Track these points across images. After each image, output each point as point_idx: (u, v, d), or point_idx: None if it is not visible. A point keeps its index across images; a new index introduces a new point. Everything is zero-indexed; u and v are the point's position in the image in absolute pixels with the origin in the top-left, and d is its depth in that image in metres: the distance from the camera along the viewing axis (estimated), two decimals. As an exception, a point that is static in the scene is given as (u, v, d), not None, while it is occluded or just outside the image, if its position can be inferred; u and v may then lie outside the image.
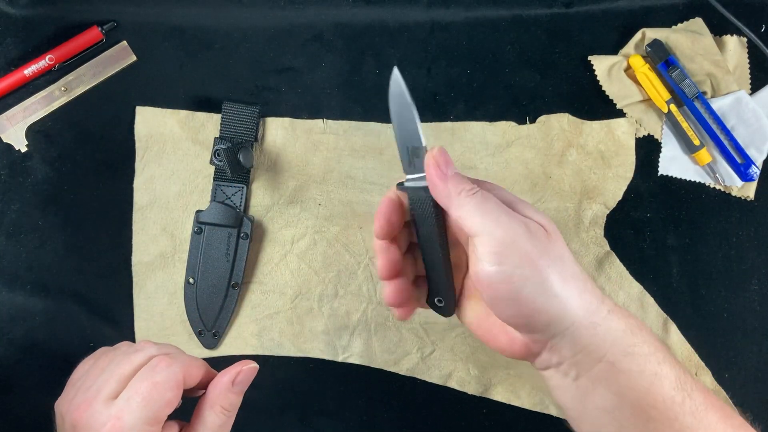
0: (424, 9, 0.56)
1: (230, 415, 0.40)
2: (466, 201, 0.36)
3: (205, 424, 0.39)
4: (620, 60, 0.56)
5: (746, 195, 0.56)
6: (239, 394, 0.40)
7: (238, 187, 0.54)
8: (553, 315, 0.34)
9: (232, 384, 0.39)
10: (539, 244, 0.35)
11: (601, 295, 0.36)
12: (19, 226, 0.54)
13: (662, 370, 0.34)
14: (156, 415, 0.37)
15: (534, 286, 0.34)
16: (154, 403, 0.37)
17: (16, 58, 0.55)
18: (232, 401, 0.40)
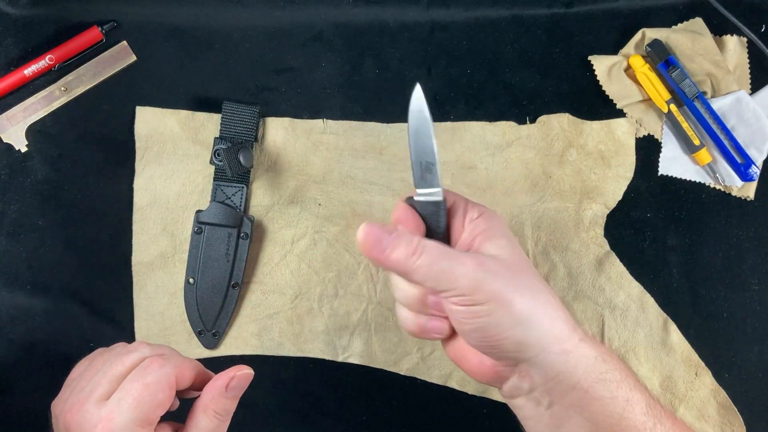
0: (424, 9, 0.56)
1: (223, 420, 0.39)
2: (418, 263, 0.36)
3: (198, 428, 0.39)
4: (620, 60, 0.56)
5: (746, 195, 0.56)
6: (233, 400, 0.40)
7: (238, 187, 0.54)
8: (520, 342, 0.35)
9: (226, 389, 0.39)
10: (502, 279, 0.35)
11: (573, 322, 0.36)
12: (19, 226, 0.54)
13: (633, 396, 0.35)
14: (147, 416, 0.37)
15: (499, 317, 0.35)
16: (145, 404, 0.37)
17: (16, 58, 0.55)
18: (226, 406, 0.39)
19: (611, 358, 0.36)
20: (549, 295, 0.36)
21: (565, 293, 0.54)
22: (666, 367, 0.53)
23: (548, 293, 0.37)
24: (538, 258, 0.55)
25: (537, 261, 0.55)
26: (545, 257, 0.55)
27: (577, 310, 0.54)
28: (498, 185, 0.55)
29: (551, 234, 0.55)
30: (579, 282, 0.54)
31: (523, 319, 0.35)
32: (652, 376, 0.53)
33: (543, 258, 0.55)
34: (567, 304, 0.54)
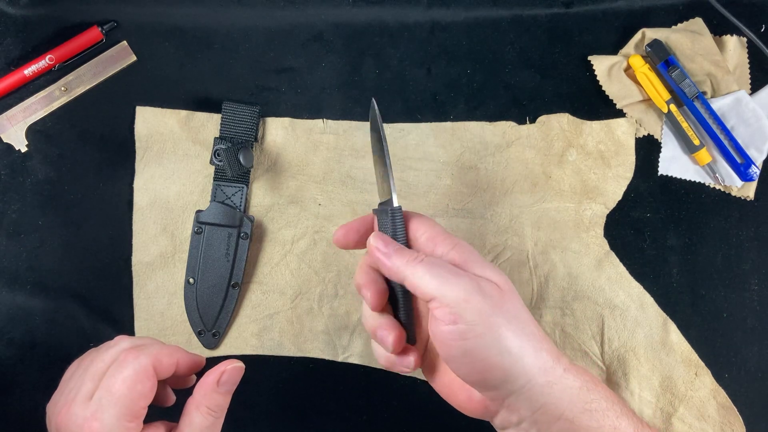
0: (424, 9, 0.56)
1: (217, 416, 0.39)
2: (417, 267, 0.37)
3: (192, 425, 0.38)
4: (620, 60, 0.56)
5: (746, 195, 0.56)
6: (226, 395, 0.39)
7: (238, 187, 0.54)
8: (507, 372, 0.35)
9: (217, 384, 0.39)
10: (492, 301, 0.36)
11: (557, 353, 0.37)
12: (19, 226, 0.54)
13: (621, 423, 0.36)
14: (131, 410, 0.37)
15: (488, 342, 0.35)
16: (125, 398, 0.36)
17: (16, 58, 0.55)
18: (218, 402, 0.39)
19: (597, 386, 0.36)
20: (533, 327, 0.37)
21: (565, 293, 0.54)
22: (666, 367, 0.53)
23: (533, 324, 0.37)
24: (538, 258, 0.55)
25: (537, 261, 0.55)
26: (545, 257, 0.55)
27: (577, 310, 0.54)
28: (498, 185, 0.55)
29: (551, 234, 0.55)
30: (579, 282, 0.54)
31: (510, 347, 0.35)
32: (652, 376, 0.53)
33: (543, 258, 0.55)
34: (567, 303, 0.54)
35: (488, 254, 0.54)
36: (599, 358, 0.54)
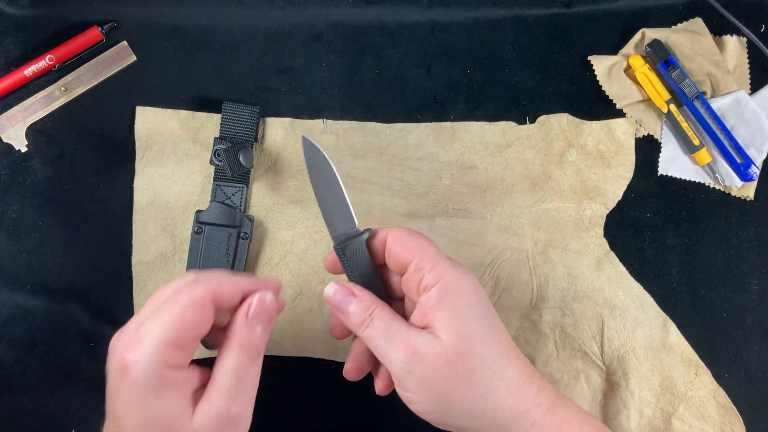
0: (424, 9, 0.56)
1: (251, 356, 0.36)
2: (363, 336, 0.38)
3: (224, 365, 0.36)
4: (620, 60, 0.56)
5: (746, 195, 0.56)
6: (259, 332, 0.37)
7: (238, 187, 0.54)
8: (479, 428, 0.36)
9: (246, 317, 0.37)
10: (435, 371, 0.36)
11: (532, 397, 0.37)
12: (19, 226, 0.54)
13: None
14: (177, 336, 0.34)
15: (440, 409, 0.36)
16: (173, 323, 0.34)
17: (16, 58, 0.55)
18: (250, 338, 0.36)
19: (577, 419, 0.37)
20: (510, 370, 0.37)
21: (565, 293, 0.54)
22: (666, 367, 0.53)
23: (507, 369, 0.37)
24: (537, 258, 0.55)
25: (537, 261, 0.55)
26: (545, 257, 0.55)
27: (577, 310, 0.54)
28: (498, 185, 0.55)
29: (551, 234, 0.55)
30: (579, 282, 0.54)
31: (471, 410, 0.35)
32: (652, 376, 0.53)
33: (543, 258, 0.55)
34: (567, 303, 0.54)
35: (488, 254, 0.55)
36: (599, 358, 0.54)
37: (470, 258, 0.54)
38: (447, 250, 0.54)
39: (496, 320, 0.39)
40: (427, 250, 0.39)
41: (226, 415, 0.35)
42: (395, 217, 0.55)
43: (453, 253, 0.54)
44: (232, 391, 0.35)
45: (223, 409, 0.35)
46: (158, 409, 0.34)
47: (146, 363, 0.33)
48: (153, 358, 0.34)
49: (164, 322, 0.34)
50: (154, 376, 0.34)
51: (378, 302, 0.39)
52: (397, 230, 0.40)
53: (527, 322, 0.54)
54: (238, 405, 0.35)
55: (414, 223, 0.55)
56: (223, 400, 0.35)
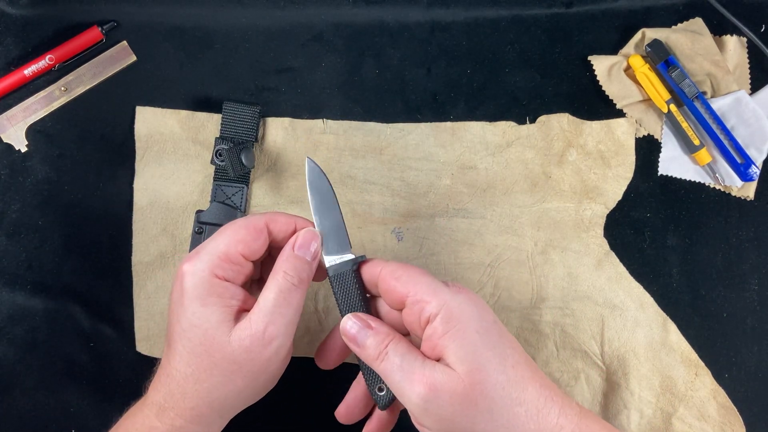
0: (424, 9, 0.56)
1: (295, 282, 0.39)
2: (379, 370, 0.38)
3: (267, 290, 0.38)
4: (620, 60, 0.56)
5: (746, 195, 0.56)
6: (304, 261, 0.40)
7: (238, 187, 0.54)
8: None
9: (293, 249, 0.40)
10: (453, 407, 0.36)
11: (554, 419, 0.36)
12: (19, 226, 0.54)
13: None
14: (228, 249, 0.38)
15: None
16: (227, 239, 0.38)
17: (16, 58, 0.55)
18: (296, 266, 0.39)
19: None
20: (529, 392, 0.36)
21: (565, 293, 0.54)
22: (666, 367, 0.53)
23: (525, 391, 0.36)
24: (537, 258, 0.55)
25: (537, 261, 0.55)
26: (545, 257, 0.55)
27: (577, 310, 0.54)
28: (498, 185, 0.55)
29: (551, 234, 0.55)
30: (579, 282, 0.54)
31: None
32: (652, 376, 0.53)
33: (543, 258, 0.55)
34: (567, 303, 0.54)
35: (488, 254, 0.55)
36: (599, 358, 0.54)
37: (470, 258, 0.54)
38: (447, 250, 0.54)
39: (507, 340, 0.38)
40: (421, 280, 0.38)
41: (262, 335, 0.37)
42: (395, 217, 0.55)
43: (453, 253, 0.54)
44: (271, 313, 0.38)
45: (260, 329, 0.37)
46: (201, 315, 0.37)
47: (197, 270, 0.38)
48: (203, 265, 0.38)
49: (220, 239, 0.39)
50: (201, 283, 0.38)
51: (393, 334, 0.39)
52: (389, 265, 0.40)
53: (527, 322, 0.54)
54: (274, 327, 0.38)
55: (414, 223, 0.55)
56: (261, 320, 0.37)
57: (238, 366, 0.37)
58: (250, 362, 0.37)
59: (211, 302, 0.37)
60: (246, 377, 0.38)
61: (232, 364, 0.37)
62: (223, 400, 0.39)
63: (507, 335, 0.38)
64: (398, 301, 0.39)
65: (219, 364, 0.37)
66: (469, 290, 0.39)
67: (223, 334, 0.37)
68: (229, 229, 0.39)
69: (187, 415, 0.38)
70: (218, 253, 0.38)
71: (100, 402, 0.53)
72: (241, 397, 0.39)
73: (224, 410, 0.40)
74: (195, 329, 0.37)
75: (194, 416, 0.38)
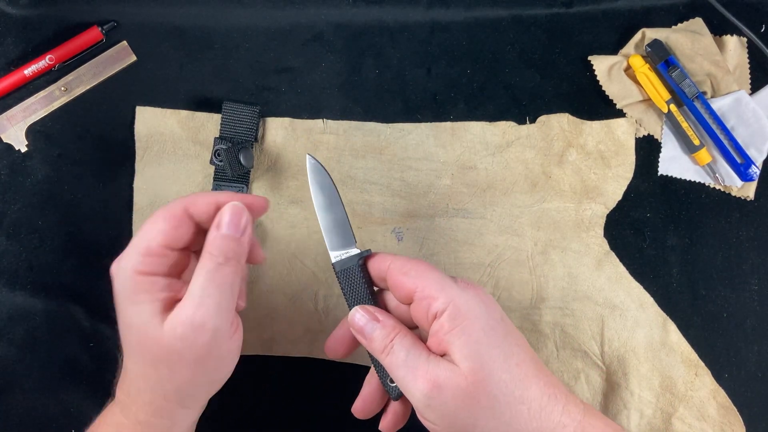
0: (424, 9, 0.56)
1: (222, 261, 0.37)
2: (385, 363, 0.38)
3: (196, 275, 0.37)
4: (620, 60, 0.56)
5: (746, 195, 0.56)
6: (233, 238, 0.37)
7: (238, 187, 0.54)
8: None
9: (217, 228, 0.38)
10: (456, 402, 0.36)
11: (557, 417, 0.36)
12: (19, 226, 0.54)
13: None
14: (147, 242, 0.37)
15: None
16: (145, 231, 0.38)
17: (16, 58, 0.55)
18: (221, 244, 0.37)
19: None
20: (532, 391, 0.36)
21: (565, 293, 0.54)
22: (666, 367, 0.53)
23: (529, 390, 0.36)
24: (537, 258, 0.55)
25: (537, 261, 0.55)
26: (545, 257, 0.55)
27: (577, 310, 0.54)
28: (498, 185, 0.55)
29: (551, 234, 0.55)
30: (579, 282, 0.54)
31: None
32: (652, 376, 0.53)
33: (543, 258, 0.55)
34: (567, 303, 0.54)
35: (488, 254, 0.55)
36: (599, 358, 0.54)
37: (470, 258, 0.54)
38: (447, 250, 0.54)
39: (513, 338, 0.38)
40: (430, 276, 0.38)
41: (191, 321, 0.36)
42: (395, 217, 0.55)
43: (453, 253, 0.54)
44: (199, 296, 0.36)
45: (189, 315, 0.36)
46: (132, 313, 0.37)
47: (121, 269, 0.37)
48: (127, 263, 0.37)
49: (141, 233, 0.38)
50: (127, 281, 0.37)
51: (399, 328, 0.39)
52: (398, 260, 0.39)
53: (527, 322, 0.54)
54: (204, 309, 0.36)
55: (414, 223, 0.55)
56: (189, 306, 0.36)
57: (179, 356, 0.36)
58: (189, 350, 0.36)
59: (139, 299, 0.36)
60: (191, 366, 0.37)
61: (171, 355, 0.36)
62: (177, 392, 0.38)
63: (513, 333, 0.38)
64: (406, 296, 0.39)
65: (159, 357, 0.37)
66: (477, 286, 0.39)
67: (155, 327, 0.36)
68: (149, 221, 0.38)
69: (147, 410, 0.38)
70: (139, 249, 0.37)
71: (100, 402, 0.53)
72: (195, 385, 0.39)
73: (183, 401, 0.39)
74: (130, 328, 0.37)
75: (154, 410, 0.38)
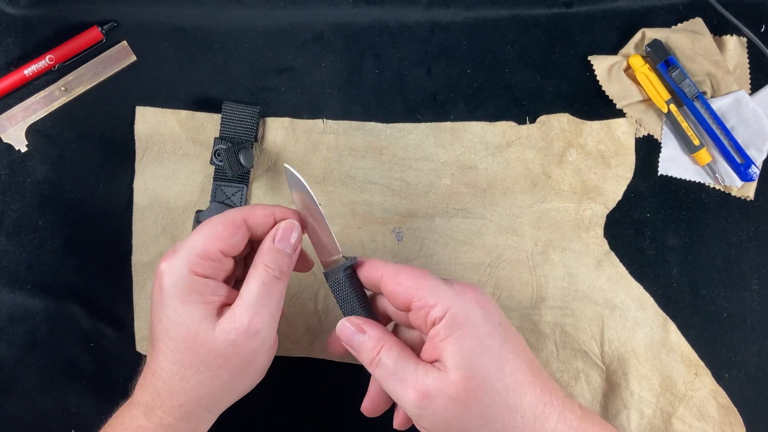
0: (424, 9, 0.56)
1: (278, 275, 0.39)
2: (374, 375, 0.39)
3: (249, 283, 0.39)
4: (620, 60, 0.56)
5: (746, 195, 0.56)
6: (286, 254, 0.40)
7: (238, 187, 0.54)
8: None
9: (274, 242, 0.40)
10: (447, 412, 0.36)
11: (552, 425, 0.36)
12: (19, 226, 0.54)
13: None
14: (206, 247, 0.38)
15: None
16: (204, 236, 0.39)
17: (16, 58, 0.55)
18: (276, 258, 0.39)
19: None
20: (527, 398, 0.36)
21: (565, 293, 0.54)
22: (666, 367, 0.53)
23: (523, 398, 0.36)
24: (537, 258, 0.55)
25: (537, 261, 0.55)
26: (545, 257, 0.55)
27: (577, 310, 0.54)
28: (498, 185, 0.55)
29: (551, 234, 0.55)
30: (579, 282, 0.54)
31: None
32: (652, 376, 0.53)
33: (543, 258, 0.55)
34: (567, 303, 0.54)
35: (488, 254, 0.55)
36: (599, 358, 0.54)
37: (470, 258, 0.54)
38: (447, 250, 0.54)
39: (510, 343, 0.37)
40: (425, 284, 0.38)
41: (247, 328, 0.37)
42: (395, 217, 0.55)
43: (453, 253, 0.54)
44: (255, 305, 0.38)
45: (245, 322, 0.37)
46: (182, 312, 0.37)
47: (175, 269, 0.38)
48: (181, 263, 0.38)
49: (197, 236, 0.39)
50: (181, 281, 0.38)
51: (386, 338, 0.39)
52: (389, 269, 0.39)
53: (527, 322, 0.54)
54: (259, 318, 0.38)
55: (414, 223, 0.55)
56: (245, 313, 0.37)
57: (225, 360, 0.38)
58: (236, 355, 0.38)
59: (191, 299, 0.38)
60: (233, 371, 0.38)
61: (218, 359, 0.37)
62: (211, 396, 0.39)
63: (511, 338, 0.38)
64: (403, 306, 0.39)
65: (204, 360, 0.37)
66: (476, 288, 0.39)
67: (207, 330, 0.37)
68: (207, 225, 0.39)
69: (176, 413, 0.38)
70: (196, 250, 0.38)
71: (100, 402, 0.53)
72: (229, 391, 0.40)
73: (213, 406, 0.40)
74: (177, 327, 0.37)
75: (183, 414, 0.38)
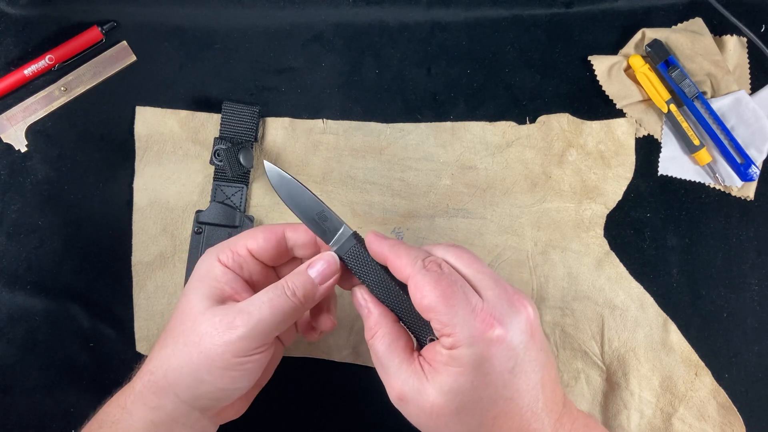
0: (424, 9, 0.56)
1: (290, 294, 0.39)
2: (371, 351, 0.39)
3: (263, 290, 0.39)
4: (620, 60, 0.56)
5: (746, 195, 0.56)
6: (311, 281, 0.39)
7: (238, 187, 0.54)
8: None
9: (310, 266, 0.40)
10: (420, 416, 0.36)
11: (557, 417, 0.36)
12: (19, 226, 0.54)
13: None
14: (237, 239, 0.41)
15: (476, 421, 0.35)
16: (244, 233, 0.42)
17: (16, 58, 0.55)
18: (298, 281, 0.39)
19: None
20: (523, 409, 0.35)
21: (565, 293, 0.54)
22: (666, 367, 0.53)
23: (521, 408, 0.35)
24: (537, 258, 0.55)
25: (537, 261, 0.55)
26: (545, 257, 0.55)
27: (577, 310, 0.54)
28: (498, 185, 0.55)
29: (551, 234, 0.55)
30: (579, 282, 0.54)
31: None
32: (652, 376, 0.53)
33: (543, 258, 0.55)
34: (567, 303, 0.54)
35: (488, 254, 0.55)
36: (599, 358, 0.54)
37: (470, 258, 0.54)
38: (447, 250, 0.54)
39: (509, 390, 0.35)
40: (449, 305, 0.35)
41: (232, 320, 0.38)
42: (395, 217, 0.55)
43: (453, 253, 0.54)
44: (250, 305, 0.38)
45: (232, 312, 0.38)
46: (192, 286, 0.40)
47: (208, 253, 0.41)
48: (215, 250, 0.41)
49: (241, 233, 0.42)
50: (205, 263, 0.41)
51: (381, 324, 0.39)
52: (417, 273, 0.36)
53: (527, 322, 0.54)
54: (247, 318, 0.38)
55: (414, 223, 0.55)
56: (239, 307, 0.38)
57: (199, 337, 0.38)
58: (209, 337, 0.37)
59: (206, 279, 0.40)
60: (202, 353, 0.37)
61: (193, 335, 0.38)
62: (178, 372, 0.38)
63: (514, 384, 0.35)
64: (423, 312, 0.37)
65: (185, 332, 0.39)
66: (510, 327, 0.35)
67: (201, 307, 0.39)
68: (251, 230, 0.42)
69: (145, 379, 0.39)
70: (230, 243, 0.41)
71: (100, 402, 0.53)
72: (195, 379, 0.38)
73: (179, 387, 0.38)
74: (183, 298, 0.40)
75: (150, 382, 0.39)
